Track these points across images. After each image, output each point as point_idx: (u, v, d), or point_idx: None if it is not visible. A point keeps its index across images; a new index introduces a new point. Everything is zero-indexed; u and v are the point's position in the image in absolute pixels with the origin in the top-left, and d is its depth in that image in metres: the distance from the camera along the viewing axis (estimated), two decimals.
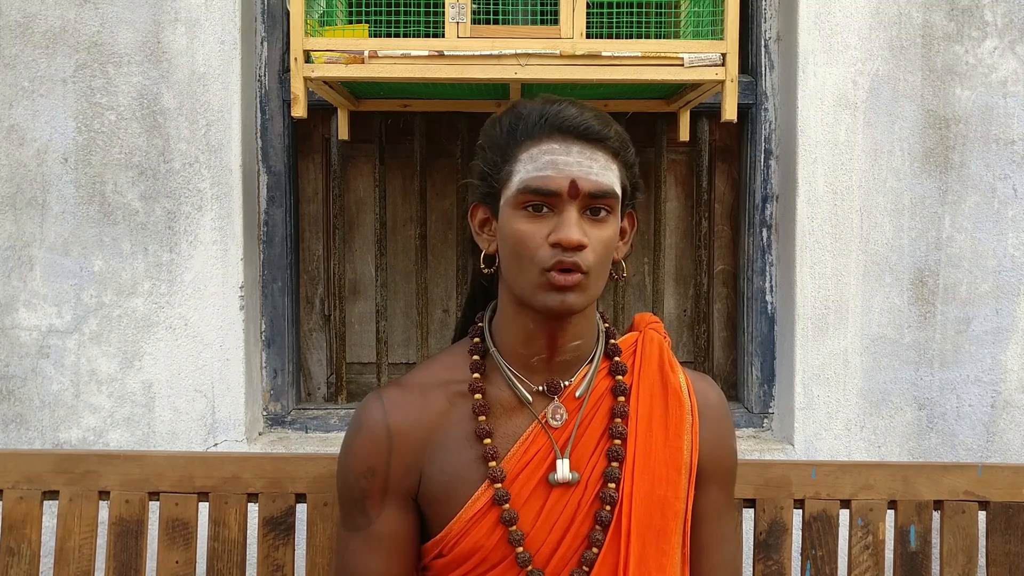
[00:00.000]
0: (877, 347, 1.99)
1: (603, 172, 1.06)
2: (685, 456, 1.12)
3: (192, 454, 1.47)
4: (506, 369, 1.13)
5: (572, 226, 1.03)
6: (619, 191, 1.08)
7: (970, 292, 2.00)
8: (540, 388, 1.13)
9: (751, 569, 1.46)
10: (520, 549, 1.07)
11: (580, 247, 1.03)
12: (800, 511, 1.46)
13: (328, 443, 2.00)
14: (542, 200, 1.05)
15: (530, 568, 1.08)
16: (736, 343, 2.24)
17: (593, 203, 1.05)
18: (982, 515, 1.46)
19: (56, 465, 1.45)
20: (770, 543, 1.45)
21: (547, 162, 1.05)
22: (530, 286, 1.06)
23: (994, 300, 2.00)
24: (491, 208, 1.12)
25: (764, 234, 2.10)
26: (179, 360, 1.94)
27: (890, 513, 1.46)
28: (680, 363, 1.20)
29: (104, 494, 1.45)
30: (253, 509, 1.46)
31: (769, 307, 2.11)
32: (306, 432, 2.08)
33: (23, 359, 1.94)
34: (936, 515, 1.46)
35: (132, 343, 1.94)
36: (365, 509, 1.12)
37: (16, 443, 1.94)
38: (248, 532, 1.45)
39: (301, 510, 1.45)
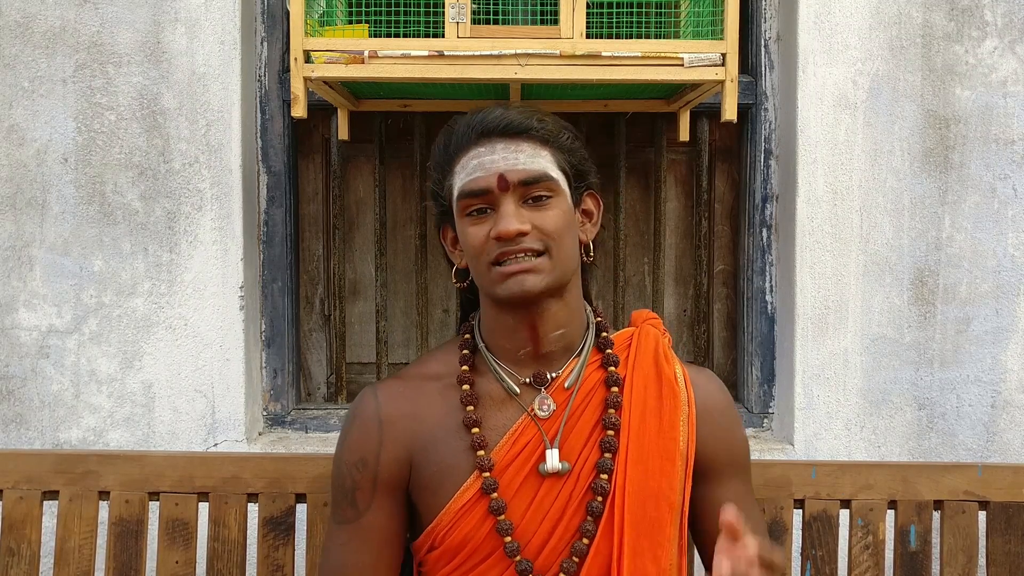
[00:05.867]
0: (877, 347, 1.99)
1: (531, 160, 1.09)
2: (681, 447, 1.12)
3: (192, 454, 1.47)
4: (493, 363, 1.15)
5: (508, 217, 1.07)
6: (555, 174, 1.11)
7: (970, 292, 2.00)
8: (527, 380, 1.14)
9: None
10: (508, 539, 1.08)
11: (520, 234, 1.07)
12: (800, 511, 1.46)
13: (328, 443, 2.00)
14: (479, 200, 1.09)
15: (519, 558, 1.08)
16: (736, 343, 2.24)
17: (529, 190, 1.09)
18: (982, 515, 1.47)
19: (56, 465, 1.45)
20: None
21: (475, 165, 1.09)
22: (489, 283, 1.10)
23: (994, 300, 2.00)
24: (451, 225, 1.17)
25: (764, 234, 2.10)
26: (179, 360, 1.94)
27: (890, 513, 1.46)
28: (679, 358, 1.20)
29: (104, 494, 1.45)
30: (253, 509, 1.46)
31: (769, 307, 2.11)
32: (306, 432, 2.08)
33: (23, 359, 1.94)
34: (936, 515, 1.46)
35: (132, 343, 1.94)
36: (355, 501, 1.14)
37: (16, 443, 1.94)
38: (248, 532, 1.46)
39: (301, 510, 1.46)
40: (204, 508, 1.45)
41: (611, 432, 1.11)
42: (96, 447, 1.94)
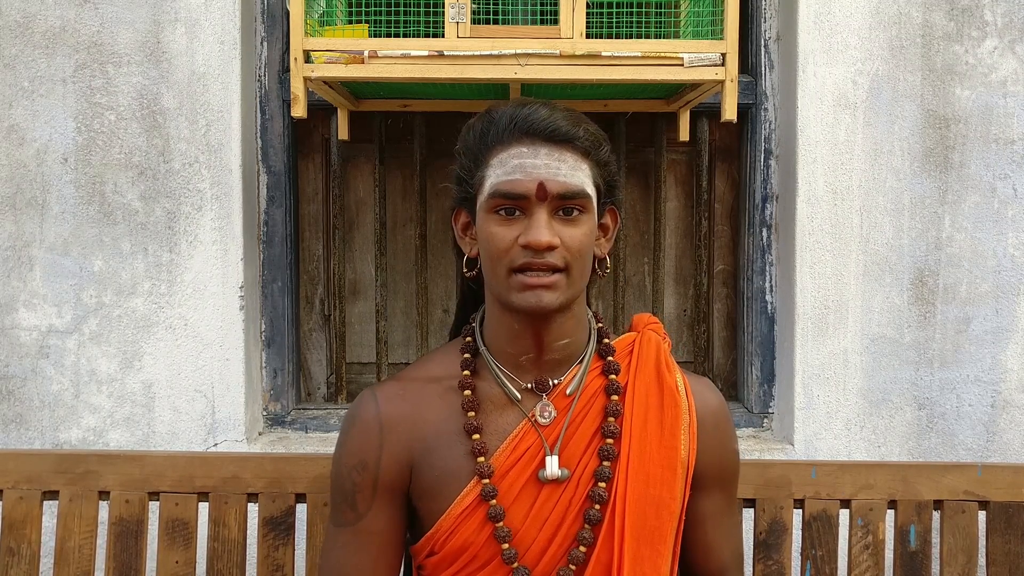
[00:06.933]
0: (877, 347, 1.99)
1: (572, 173, 1.07)
2: (682, 455, 1.12)
3: (192, 454, 1.47)
4: (495, 367, 1.14)
5: (541, 228, 1.04)
6: (591, 190, 1.09)
7: (970, 292, 2.00)
8: (529, 386, 1.13)
9: (751, 569, 1.46)
10: (506, 546, 1.08)
11: (549, 248, 1.05)
12: (800, 511, 1.46)
13: (328, 443, 2.00)
14: (512, 203, 1.06)
15: (516, 565, 1.08)
16: (736, 343, 2.24)
17: (564, 203, 1.06)
18: (982, 515, 1.47)
19: (56, 465, 1.45)
20: (770, 543, 1.45)
21: (515, 166, 1.06)
22: (505, 288, 1.08)
23: (994, 300, 2.00)
24: (470, 212, 1.14)
25: (764, 234, 2.10)
26: (179, 360, 1.94)
27: (890, 513, 1.46)
28: (679, 364, 1.20)
29: (104, 494, 1.45)
30: (253, 509, 1.46)
31: (769, 307, 2.11)
32: (306, 432, 2.08)
33: (23, 359, 1.94)
34: (936, 515, 1.47)
35: (132, 343, 1.94)
36: (355, 503, 1.13)
37: (16, 443, 1.94)
38: (248, 532, 1.45)
39: (301, 510, 1.46)
40: (204, 508, 1.45)
41: (610, 440, 1.11)
42: (96, 447, 1.94)
